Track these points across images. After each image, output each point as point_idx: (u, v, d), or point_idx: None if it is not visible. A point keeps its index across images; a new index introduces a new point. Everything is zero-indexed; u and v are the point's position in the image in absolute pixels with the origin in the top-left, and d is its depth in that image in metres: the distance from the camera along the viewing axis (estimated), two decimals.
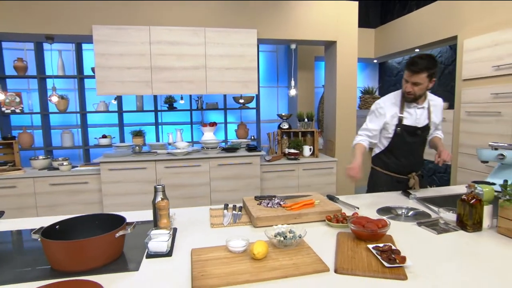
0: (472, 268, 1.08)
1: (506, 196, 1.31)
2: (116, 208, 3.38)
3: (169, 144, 4.07)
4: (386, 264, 1.05)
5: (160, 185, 1.41)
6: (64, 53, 4.05)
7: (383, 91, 5.51)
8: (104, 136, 4.16)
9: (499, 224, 1.33)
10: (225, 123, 4.78)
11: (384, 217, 1.44)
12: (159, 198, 1.39)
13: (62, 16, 3.30)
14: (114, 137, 4.31)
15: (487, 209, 1.36)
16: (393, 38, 4.54)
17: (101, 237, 1.10)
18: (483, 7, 3.09)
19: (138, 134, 4.28)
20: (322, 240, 1.32)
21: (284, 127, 4.21)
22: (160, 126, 4.63)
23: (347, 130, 4.07)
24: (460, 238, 1.31)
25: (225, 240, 1.21)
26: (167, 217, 1.35)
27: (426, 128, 2.04)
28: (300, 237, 1.22)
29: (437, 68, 1.92)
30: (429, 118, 2.03)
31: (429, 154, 2.20)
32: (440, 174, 4.35)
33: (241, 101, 4.14)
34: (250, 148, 3.82)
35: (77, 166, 3.59)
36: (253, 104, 4.60)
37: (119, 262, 1.16)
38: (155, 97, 4.41)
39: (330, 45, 4.07)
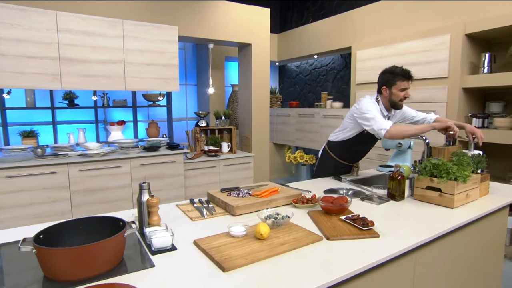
0: (409, 223, 1.47)
1: (418, 172, 1.79)
2: (17, 222, 2.87)
3: (77, 145, 3.64)
4: (362, 228, 1.34)
5: (145, 183, 1.38)
6: None
7: (284, 91, 6.14)
8: None
9: (415, 193, 1.80)
10: (135, 121, 4.54)
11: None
12: (146, 196, 1.36)
13: None
14: None
15: (407, 183, 1.82)
16: (296, 44, 5.12)
17: (113, 239, 1.05)
18: (371, 26, 3.87)
19: (30, 135, 3.67)
20: (297, 218, 1.53)
21: (202, 125, 4.28)
22: (56, 126, 4.07)
23: (262, 126, 4.42)
24: (393, 205, 1.73)
25: (227, 227, 1.31)
26: (158, 214, 1.34)
27: None
28: (288, 217, 1.40)
29: None
30: None
31: None
32: None
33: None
34: (172, 146, 3.77)
35: None
36: (163, 102, 4.49)
37: (125, 264, 1.12)
38: (51, 92, 3.86)
39: (244, 47, 4.33)
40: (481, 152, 1.96)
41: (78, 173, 3.10)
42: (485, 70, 2.94)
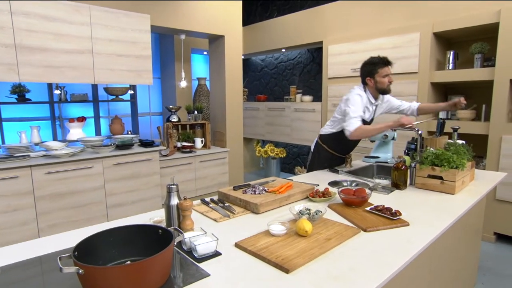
0: (424, 210, 1.56)
1: (418, 163, 1.91)
2: None
3: (36, 144, 3.24)
4: (392, 218, 1.39)
5: (174, 185, 1.26)
6: None
7: (249, 85, 6.10)
8: None
9: (416, 181, 1.91)
10: (97, 117, 4.19)
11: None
12: (176, 199, 1.25)
13: None
14: None
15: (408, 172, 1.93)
16: (263, 38, 5.10)
17: (167, 251, 0.94)
18: (342, 22, 4.00)
19: None
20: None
21: (174, 120, 4.09)
22: (2, 123, 3.59)
23: (236, 120, 4.35)
24: (401, 194, 1.82)
25: (267, 225, 1.26)
26: (191, 218, 1.25)
27: (371, 121, 2.47)
28: (321, 213, 1.40)
29: None
30: (374, 114, 2.45)
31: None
32: (304, 156, 5.30)
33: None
34: (145, 144, 3.54)
35: None
36: (126, 96, 4.19)
37: (175, 275, 1.03)
38: None
39: (216, 39, 4.20)
40: (464, 142, 2.15)
41: (44, 177, 2.77)
42: (450, 67, 3.22)
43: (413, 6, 3.39)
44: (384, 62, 2.23)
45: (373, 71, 2.26)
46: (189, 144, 3.94)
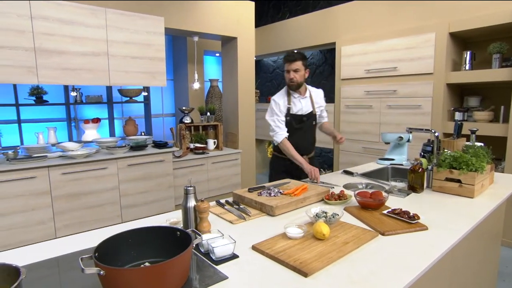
0: (442, 214, 1.53)
1: (435, 165, 1.87)
2: None
3: (53, 145, 3.31)
4: (411, 222, 1.37)
5: (191, 187, 1.27)
6: None
7: (261, 86, 6.10)
8: None
9: (434, 184, 1.88)
10: (112, 118, 4.24)
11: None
12: (193, 201, 1.26)
13: None
14: None
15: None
16: (275, 39, 5.10)
17: (187, 252, 0.94)
18: (355, 22, 3.97)
19: None
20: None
21: (187, 121, 4.11)
22: (21, 125, 3.67)
23: (248, 122, 4.36)
24: (417, 197, 1.79)
25: (284, 228, 1.26)
26: (208, 220, 1.25)
27: (311, 115, 2.38)
28: (338, 216, 1.39)
29: (307, 60, 2.32)
30: (312, 106, 2.39)
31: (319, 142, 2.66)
32: (316, 158, 5.26)
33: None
34: (159, 145, 3.57)
35: None
36: (140, 98, 4.23)
37: (193, 278, 1.03)
38: (15, 87, 3.48)
39: (229, 41, 4.22)
40: (482, 144, 2.10)
41: (60, 177, 2.82)
42: (467, 67, 3.16)
43: (428, 6, 3.34)
44: (284, 58, 2.28)
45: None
46: (202, 146, 3.96)
